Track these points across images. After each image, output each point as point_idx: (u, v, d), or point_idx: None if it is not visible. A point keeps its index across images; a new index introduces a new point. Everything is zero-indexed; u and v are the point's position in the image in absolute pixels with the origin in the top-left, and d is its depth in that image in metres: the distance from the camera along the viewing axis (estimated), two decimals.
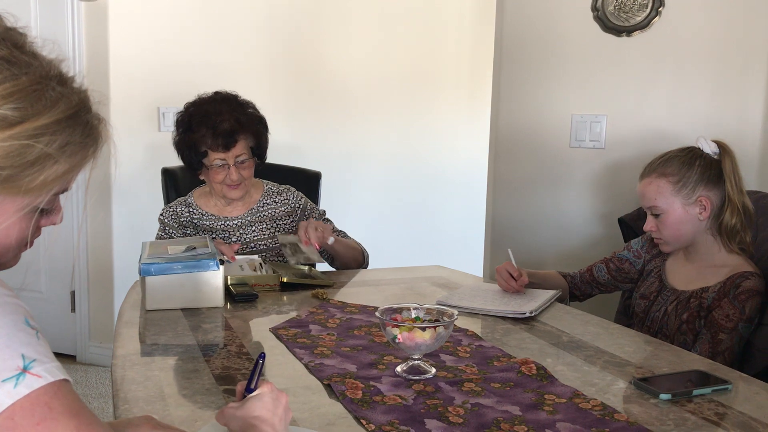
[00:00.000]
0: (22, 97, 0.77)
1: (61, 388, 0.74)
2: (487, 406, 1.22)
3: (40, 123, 0.78)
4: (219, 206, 2.29)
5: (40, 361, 0.74)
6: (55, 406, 0.73)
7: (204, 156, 2.17)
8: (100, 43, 3.33)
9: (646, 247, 2.00)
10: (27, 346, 0.74)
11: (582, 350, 1.54)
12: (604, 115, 2.62)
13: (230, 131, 2.14)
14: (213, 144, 2.14)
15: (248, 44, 3.49)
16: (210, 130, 2.13)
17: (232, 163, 2.17)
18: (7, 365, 0.72)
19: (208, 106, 2.18)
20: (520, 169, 2.84)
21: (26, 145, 0.77)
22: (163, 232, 2.26)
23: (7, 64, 0.78)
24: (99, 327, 3.59)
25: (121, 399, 1.24)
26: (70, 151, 0.81)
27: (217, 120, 2.14)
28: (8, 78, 0.77)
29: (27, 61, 0.80)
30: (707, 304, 1.77)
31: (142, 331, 1.64)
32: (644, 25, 2.50)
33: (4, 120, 0.76)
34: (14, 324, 0.74)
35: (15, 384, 0.71)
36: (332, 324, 1.67)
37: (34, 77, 0.79)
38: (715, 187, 1.81)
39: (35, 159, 0.78)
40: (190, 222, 2.27)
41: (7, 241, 0.84)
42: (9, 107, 0.76)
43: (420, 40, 3.80)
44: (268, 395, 1.01)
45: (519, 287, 1.92)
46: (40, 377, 0.73)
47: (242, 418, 0.97)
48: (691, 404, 1.25)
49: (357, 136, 3.75)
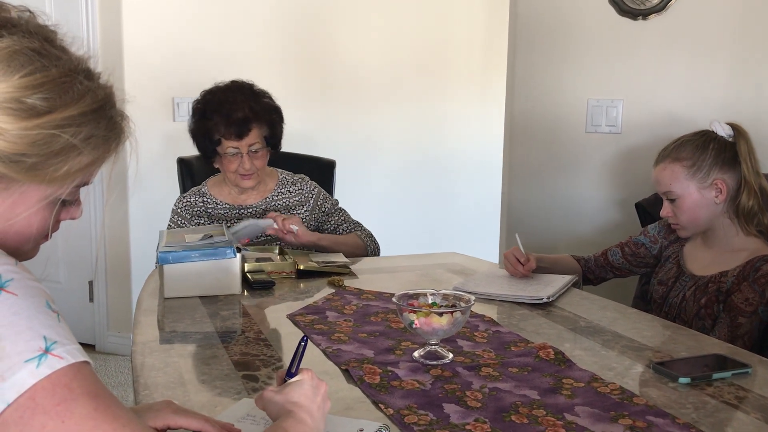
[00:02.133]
0: (51, 88, 0.80)
1: (81, 369, 0.75)
2: (505, 391, 1.22)
3: (67, 114, 0.80)
4: (233, 195, 2.31)
5: (62, 342, 0.75)
6: (75, 387, 0.74)
7: (218, 144, 2.19)
8: (114, 34, 3.34)
9: (663, 232, 1.99)
10: (48, 328, 0.75)
11: (599, 335, 1.54)
12: (620, 100, 2.59)
13: (243, 120, 2.15)
14: (226, 132, 2.16)
15: (262, 33, 3.49)
16: (224, 118, 2.15)
17: (245, 151, 2.18)
18: (29, 346, 0.72)
19: (223, 95, 2.19)
20: (535, 155, 2.82)
21: (53, 134, 0.79)
22: (173, 223, 2.28)
23: (38, 56, 0.80)
24: (117, 316, 3.62)
25: (141, 385, 1.25)
26: (93, 144, 0.83)
27: (231, 108, 2.15)
28: (39, 69, 0.79)
29: (57, 55, 0.82)
30: (726, 288, 1.76)
31: (161, 319, 1.66)
32: (660, 8, 2.47)
33: (32, 109, 0.78)
34: (36, 306, 0.75)
35: (37, 364, 0.72)
36: (349, 310, 1.67)
37: (63, 70, 0.81)
38: (731, 170, 1.80)
39: (60, 149, 0.80)
40: (204, 212, 2.28)
41: (29, 231, 0.85)
42: (38, 97, 0.78)
43: (433, 26, 3.79)
44: (308, 382, 1.01)
45: (526, 272, 1.92)
46: (62, 358, 0.74)
47: (281, 402, 0.98)
48: (710, 388, 1.25)
49: (371, 123, 3.74)
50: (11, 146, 0.77)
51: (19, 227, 0.84)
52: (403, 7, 3.71)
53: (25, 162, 0.79)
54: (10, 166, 0.78)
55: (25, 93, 0.78)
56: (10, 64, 0.78)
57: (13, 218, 0.83)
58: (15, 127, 0.77)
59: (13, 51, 0.78)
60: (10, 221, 0.83)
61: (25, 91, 0.78)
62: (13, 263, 0.78)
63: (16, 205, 0.82)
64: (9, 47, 0.78)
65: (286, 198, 2.31)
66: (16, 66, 0.78)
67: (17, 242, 0.85)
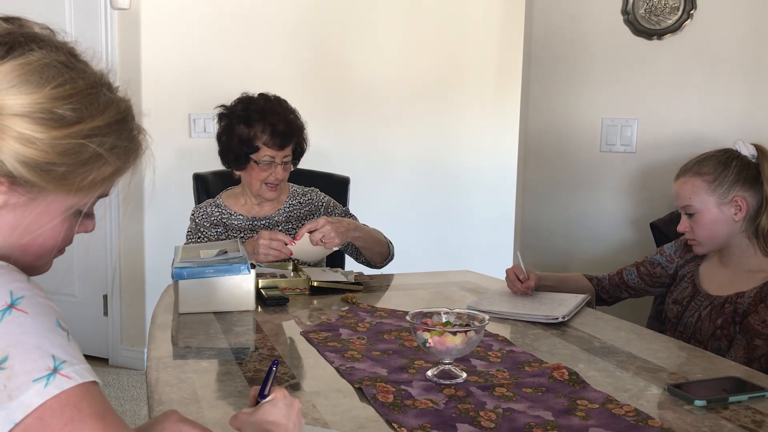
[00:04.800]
0: (79, 99, 0.82)
1: (90, 390, 0.75)
2: (519, 411, 1.22)
3: (94, 124, 0.83)
4: (248, 206, 2.34)
5: (70, 362, 0.75)
6: (83, 407, 0.74)
7: (255, 151, 2.22)
8: (132, 51, 3.39)
9: (679, 252, 1.98)
10: (57, 347, 0.75)
11: (614, 356, 1.53)
12: (635, 119, 2.59)
13: (287, 132, 2.22)
14: (270, 141, 2.20)
15: (276, 51, 3.52)
16: (269, 126, 2.20)
17: (279, 162, 2.22)
18: (38, 365, 0.73)
19: (266, 104, 2.25)
20: (550, 174, 2.82)
21: (81, 144, 0.82)
22: (194, 231, 2.31)
23: (66, 69, 0.83)
24: (131, 330, 3.64)
25: (156, 401, 1.26)
26: (117, 154, 0.86)
27: (276, 119, 2.21)
28: (68, 81, 0.82)
29: (82, 68, 0.85)
30: (742, 309, 1.74)
31: (175, 334, 1.66)
32: (675, 28, 2.48)
33: (62, 119, 0.80)
34: (46, 325, 0.76)
35: (45, 384, 0.72)
36: (362, 328, 1.67)
37: (89, 82, 0.84)
38: (752, 189, 1.79)
39: (88, 158, 0.83)
40: (220, 222, 2.32)
41: (53, 242, 0.87)
42: (68, 107, 0.81)
43: (448, 44, 3.80)
44: (281, 401, 1.02)
45: (525, 289, 1.92)
46: (70, 378, 0.74)
47: (257, 423, 0.98)
48: (726, 411, 1.23)
49: (384, 141, 3.75)
50: (43, 155, 0.79)
51: (44, 239, 0.86)
52: (418, 26, 3.73)
53: (55, 171, 0.81)
54: (41, 174, 0.80)
55: (55, 104, 0.80)
56: (42, 75, 0.80)
57: (37, 230, 0.84)
58: (46, 137, 0.79)
59: (44, 63, 0.81)
60: (34, 233, 0.84)
61: (55, 102, 0.80)
62: (25, 280, 0.79)
63: (42, 216, 0.84)
64: (40, 60, 0.81)
65: (297, 209, 2.35)
66: (48, 78, 0.80)
67: (38, 255, 0.87)
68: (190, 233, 2.32)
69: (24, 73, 0.80)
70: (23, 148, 0.79)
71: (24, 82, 0.79)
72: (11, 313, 0.74)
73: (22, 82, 0.79)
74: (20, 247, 0.84)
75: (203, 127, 3.44)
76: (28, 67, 0.80)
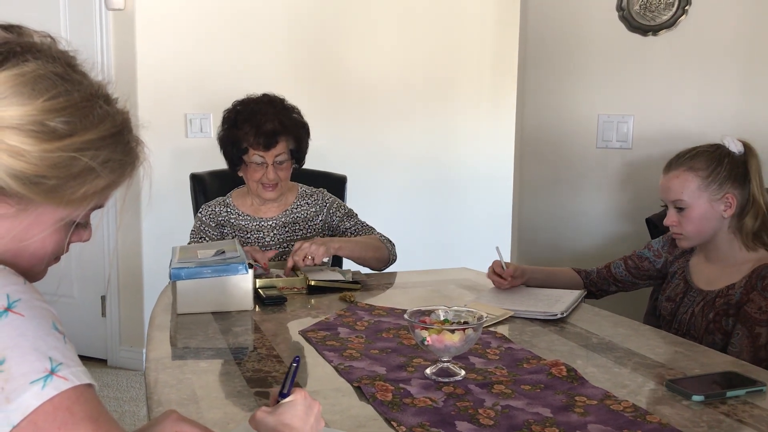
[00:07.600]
0: (73, 112, 0.81)
1: (84, 393, 0.76)
2: (518, 408, 1.22)
3: (87, 138, 0.82)
4: (254, 206, 2.34)
5: (67, 364, 0.75)
6: (76, 411, 0.74)
7: (244, 152, 2.24)
8: (127, 52, 3.38)
9: (667, 246, 1.99)
10: (54, 349, 0.75)
11: (612, 352, 1.53)
12: (630, 116, 2.60)
13: (272, 132, 2.21)
14: (255, 142, 2.21)
15: (272, 51, 3.52)
16: (254, 128, 2.21)
17: (270, 162, 2.23)
18: (35, 367, 0.73)
19: (255, 106, 2.26)
20: (546, 170, 2.82)
21: (73, 157, 0.81)
22: (198, 230, 2.31)
23: (61, 81, 0.82)
24: (129, 331, 3.64)
25: (155, 402, 1.26)
26: (110, 168, 0.85)
27: (262, 120, 2.21)
28: (62, 93, 0.81)
29: (78, 80, 0.84)
30: (735, 300, 1.75)
31: (174, 335, 1.66)
32: (670, 24, 2.48)
33: (54, 132, 0.79)
34: (42, 327, 0.76)
35: (43, 385, 0.72)
36: (360, 327, 1.68)
37: (85, 94, 0.83)
38: (740, 186, 1.80)
39: (79, 172, 0.82)
40: (227, 222, 2.32)
41: (43, 252, 0.87)
42: (60, 120, 0.80)
43: (443, 42, 3.81)
44: (301, 403, 1.01)
45: (512, 282, 1.98)
46: (67, 380, 0.74)
47: (273, 424, 0.98)
48: (724, 406, 1.24)
49: (381, 139, 3.76)
50: (32, 168, 0.79)
51: (34, 249, 0.85)
52: (414, 24, 3.74)
53: (44, 184, 0.80)
54: (30, 187, 0.79)
55: (48, 116, 0.79)
56: (35, 87, 0.79)
57: (28, 239, 0.84)
58: (36, 149, 0.78)
59: (38, 75, 0.80)
60: (25, 242, 0.84)
61: (48, 115, 0.79)
62: (21, 283, 0.79)
63: (32, 227, 0.84)
64: (34, 71, 0.80)
65: (305, 210, 2.35)
66: (41, 90, 0.79)
67: (30, 263, 0.87)
68: (194, 233, 2.33)
69: (16, 85, 0.79)
70: (13, 161, 0.78)
71: (16, 93, 0.78)
72: (8, 316, 0.75)
73: (15, 94, 0.78)
74: (11, 255, 0.84)
75: (199, 127, 3.43)
76: (22, 79, 0.79)
